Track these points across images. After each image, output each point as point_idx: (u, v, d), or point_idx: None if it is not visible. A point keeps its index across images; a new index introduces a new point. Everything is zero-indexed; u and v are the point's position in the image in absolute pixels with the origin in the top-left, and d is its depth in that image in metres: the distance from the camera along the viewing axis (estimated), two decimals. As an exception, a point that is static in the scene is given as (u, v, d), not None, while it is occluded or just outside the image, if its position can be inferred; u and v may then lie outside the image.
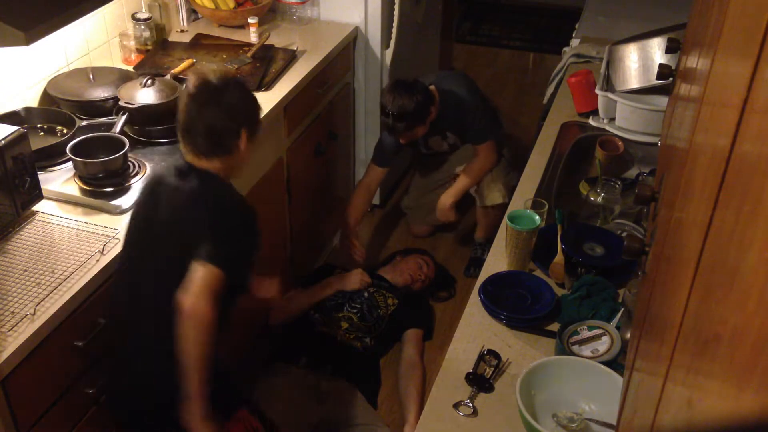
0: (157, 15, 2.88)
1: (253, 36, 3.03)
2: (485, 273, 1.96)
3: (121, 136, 2.21)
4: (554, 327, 1.80)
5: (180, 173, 1.88)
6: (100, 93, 2.46)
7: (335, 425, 2.53)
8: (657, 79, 1.86)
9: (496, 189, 3.19)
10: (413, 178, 3.59)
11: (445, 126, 3.15)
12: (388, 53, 3.34)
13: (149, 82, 2.37)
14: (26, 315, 1.70)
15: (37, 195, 1.99)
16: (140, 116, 2.35)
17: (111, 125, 2.31)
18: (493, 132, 3.17)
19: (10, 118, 2.22)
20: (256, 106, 1.95)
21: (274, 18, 3.29)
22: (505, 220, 1.95)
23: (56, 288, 1.78)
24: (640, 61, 2.43)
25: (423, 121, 2.95)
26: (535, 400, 1.57)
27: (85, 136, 2.19)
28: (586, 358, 1.66)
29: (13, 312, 1.71)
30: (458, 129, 3.19)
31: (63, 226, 1.99)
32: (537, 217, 1.94)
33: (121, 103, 2.33)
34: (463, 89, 3.11)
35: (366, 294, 2.92)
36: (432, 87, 2.99)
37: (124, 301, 1.88)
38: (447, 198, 3.22)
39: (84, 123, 2.35)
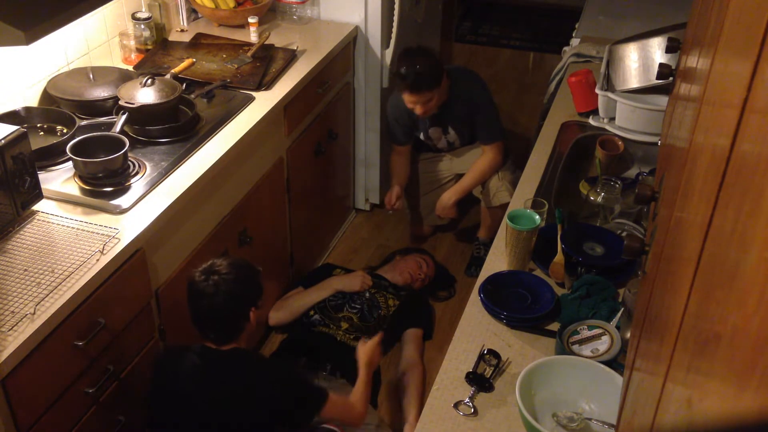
0: (157, 14, 2.88)
1: (253, 35, 3.03)
2: (485, 272, 1.96)
3: (120, 135, 2.21)
4: (554, 327, 1.80)
5: (215, 361, 1.99)
6: (100, 92, 2.46)
7: (335, 425, 2.52)
8: (657, 78, 1.86)
9: (504, 188, 3.19)
10: (412, 179, 3.58)
11: (450, 117, 3.15)
12: (388, 53, 3.34)
13: (149, 81, 2.37)
14: (26, 315, 1.70)
15: (37, 194, 1.99)
16: (140, 116, 2.35)
17: (111, 125, 2.31)
18: (502, 133, 3.19)
19: (10, 117, 2.22)
20: (259, 282, 2.05)
21: (274, 17, 3.29)
22: (505, 219, 1.95)
23: (56, 288, 1.78)
24: (640, 60, 2.43)
25: (439, 83, 2.96)
26: (535, 400, 1.57)
27: (84, 136, 2.19)
28: (586, 357, 1.66)
29: (13, 311, 1.71)
30: (463, 125, 3.19)
31: (63, 225, 1.99)
32: (537, 217, 1.94)
33: (121, 102, 2.33)
34: (477, 87, 3.12)
35: (367, 294, 2.92)
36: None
37: None
38: (450, 195, 3.22)
39: (84, 122, 2.35)
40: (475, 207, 3.53)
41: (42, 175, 2.08)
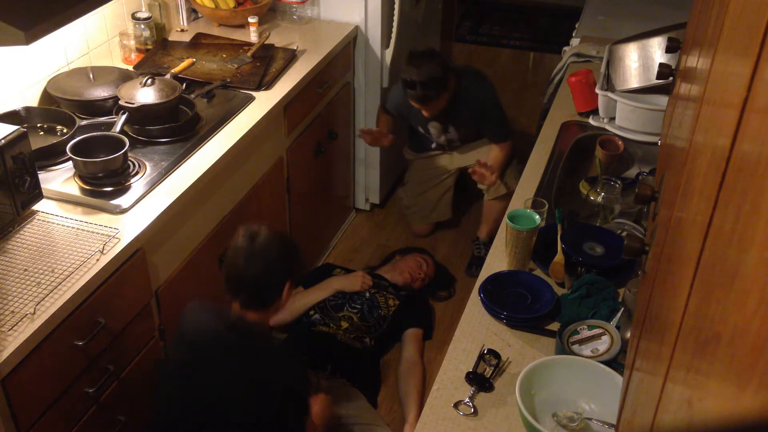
0: (157, 14, 2.88)
1: (253, 35, 3.03)
2: (485, 272, 1.96)
3: (120, 135, 2.21)
4: (554, 326, 1.80)
5: (235, 332, 1.94)
6: (100, 92, 2.46)
7: (335, 425, 2.53)
8: (657, 78, 1.86)
9: (512, 177, 3.22)
10: (407, 176, 3.59)
11: (453, 117, 3.15)
12: (388, 53, 3.34)
13: (149, 81, 2.37)
14: (26, 314, 1.70)
15: (37, 194, 1.99)
16: (140, 115, 2.35)
17: (111, 125, 2.31)
18: (511, 131, 3.24)
19: (10, 117, 2.22)
20: (298, 258, 2.04)
21: (274, 17, 3.29)
22: (505, 219, 1.95)
23: (56, 287, 1.78)
24: (640, 60, 2.43)
25: (446, 88, 2.97)
26: (535, 400, 1.57)
27: (85, 136, 2.19)
28: (586, 357, 1.66)
29: (13, 311, 1.71)
30: (467, 126, 3.19)
31: (63, 225, 1.99)
32: (537, 217, 1.94)
33: (121, 102, 2.33)
34: (484, 90, 3.13)
35: (367, 294, 2.92)
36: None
37: None
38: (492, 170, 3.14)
39: (84, 122, 2.35)
40: (475, 205, 3.53)
41: (42, 175, 2.08)
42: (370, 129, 3.29)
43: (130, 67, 2.73)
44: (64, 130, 2.30)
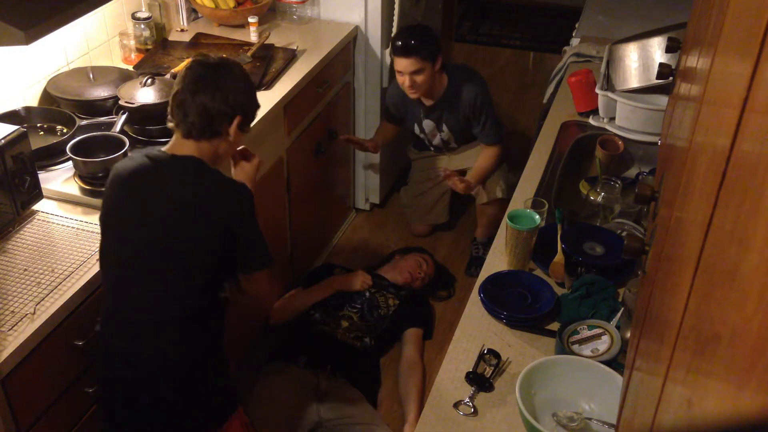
0: (157, 14, 2.88)
1: (253, 35, 3.03)
2: (485, 272, 1.96)
3: (121, 135, 2.21)
4: (554, 326, 1.80)
5: (168, 165, 1.81)
6: (100, 92, 2.46)
7: (335, 424, 2.53)
8: (657, 78, 1.86)
9: (497, 185, 3.22)
10: (410, 175, 3.60)
11: (446, 113, 3.15)
12: (388, 53, 3.34)
13: (149, 81, 2.37)
14: (26, 314, 1.70)
15: (37, 194, 1.99)
16: (140, 115, 2.35)
17: (111, 124, 2.31)
18: (503, 134, 3.22)
19: (10, 117, 2.22)
20: (254, 95, 1.91)
21: (274, 17, 3.29)
22: (505, 219, 1.95)
23: (56, 287, 1.78)
24: (640, 60, 2.43)
25: (431, 56, 2.96)
26: (535, 400, 1.57)
27: (84, 136, 2.19)
28: (586, 357, 1.66)
29: (13, 311, 1.71)
30: (459, 124, 3.19)
31: (63, 225, 1.99)
32: (537, 217, 1.94)
33: (121, 102, 2.33)
34: (476, 89, 3.12)
35: (367, 294, 2.92)
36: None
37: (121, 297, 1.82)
38: (472, 179, 3.18)
39: (84, 122, 2.35)
40: (473, 206, 3.53)
41: (42, 175, 2.08)
42: (350, 137, 3.34)
43: (130, 67, 2.73)
44: (64, 130, 2.30)
